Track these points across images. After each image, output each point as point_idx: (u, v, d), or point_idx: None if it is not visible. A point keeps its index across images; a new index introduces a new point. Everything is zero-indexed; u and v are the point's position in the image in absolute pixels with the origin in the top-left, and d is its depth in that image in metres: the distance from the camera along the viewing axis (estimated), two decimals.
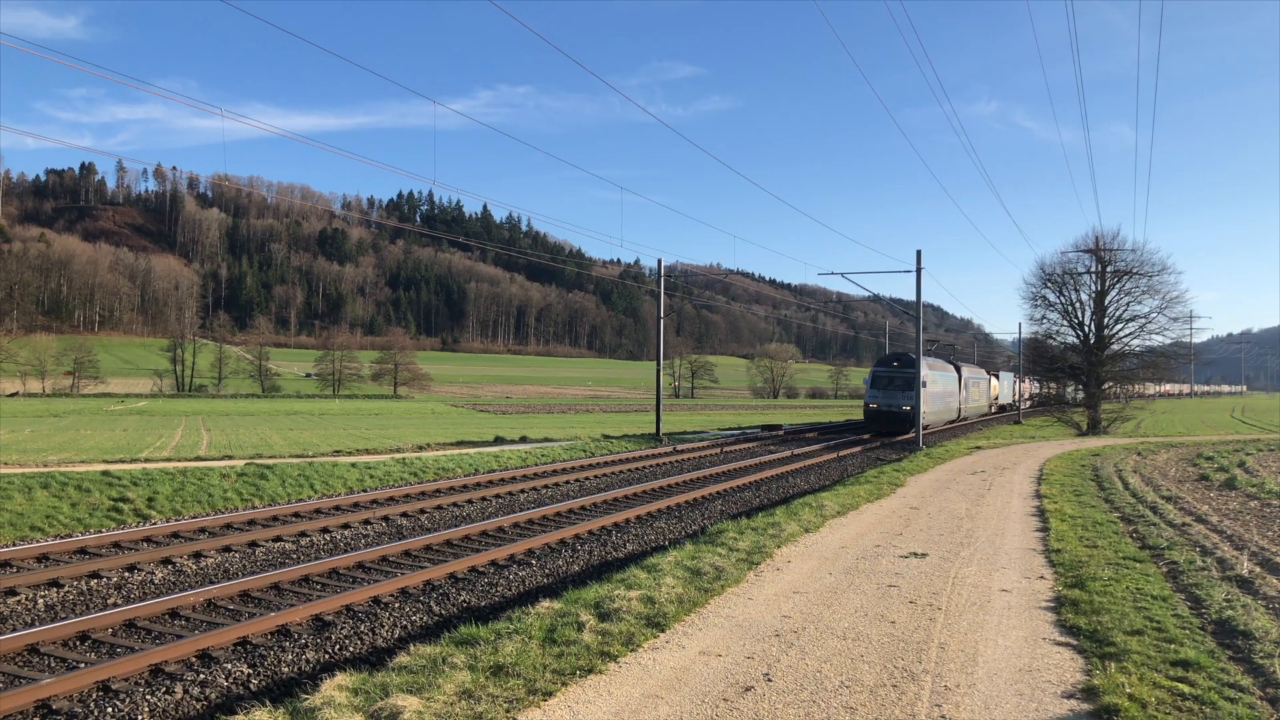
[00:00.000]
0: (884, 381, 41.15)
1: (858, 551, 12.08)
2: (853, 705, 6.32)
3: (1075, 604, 9.17)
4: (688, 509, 18.19)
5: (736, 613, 8.75)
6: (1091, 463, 26.71)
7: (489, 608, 10.44)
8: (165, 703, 7.22)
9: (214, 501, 16.97)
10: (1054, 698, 6.55)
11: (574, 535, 14.69)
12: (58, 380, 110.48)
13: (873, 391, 41.39)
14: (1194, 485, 21.61)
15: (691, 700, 6.36)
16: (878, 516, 15.41)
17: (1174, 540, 13.27)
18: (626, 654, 7.35)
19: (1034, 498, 18.26)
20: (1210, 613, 9.03)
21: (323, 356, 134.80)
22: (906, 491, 19.09)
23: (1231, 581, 10.45)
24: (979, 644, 7.85)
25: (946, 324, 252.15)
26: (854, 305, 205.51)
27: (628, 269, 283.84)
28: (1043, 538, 13.46)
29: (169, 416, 61.59)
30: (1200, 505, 17.63)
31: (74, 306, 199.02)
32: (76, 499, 15.76)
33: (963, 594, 9.76)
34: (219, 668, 7.95)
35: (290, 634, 8.99)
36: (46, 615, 9.68)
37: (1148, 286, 46.02)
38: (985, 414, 62.14)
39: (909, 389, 38.90)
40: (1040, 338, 52.21)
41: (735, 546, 11.84)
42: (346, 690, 6.29)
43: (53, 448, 30.43)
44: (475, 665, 6.82)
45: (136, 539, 13.21)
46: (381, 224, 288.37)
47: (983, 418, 61.06)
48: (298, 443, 34.59)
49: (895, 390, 40.59)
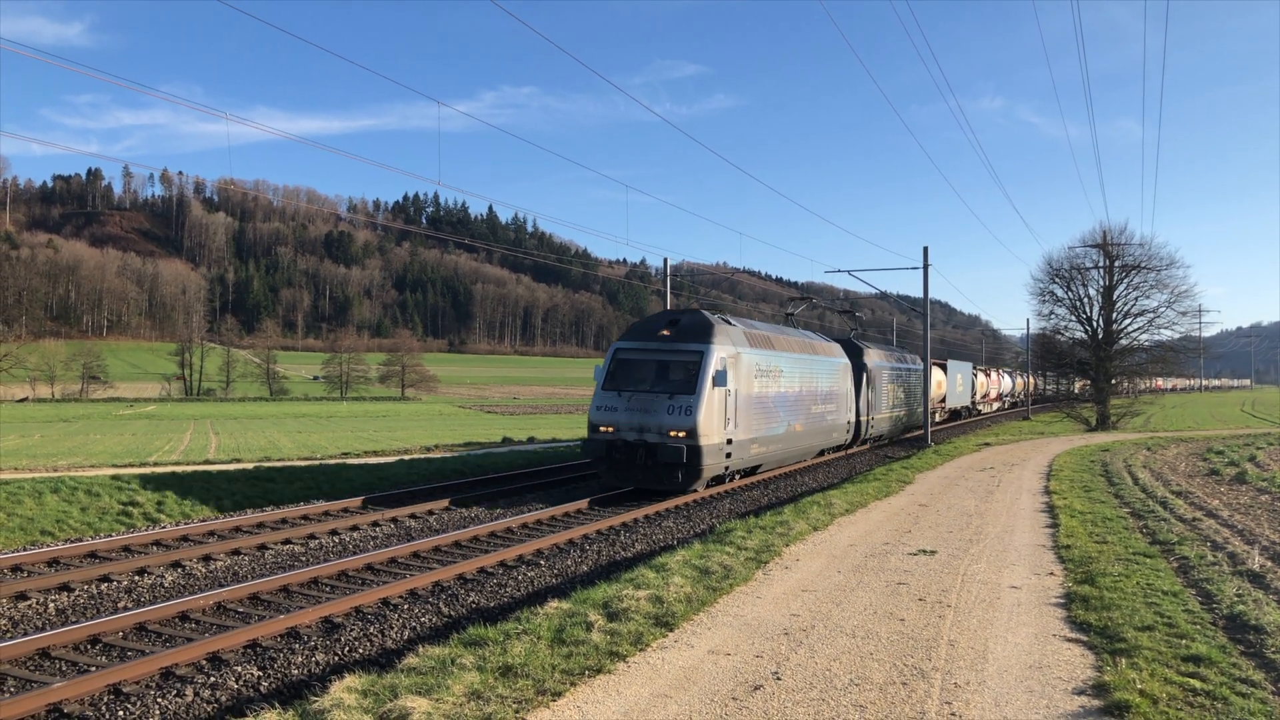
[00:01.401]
0: (631, 376, 19.04)
1: (866, 549, 12.06)
2: (862, 703, 6.30)
3: (1085, 600, 9.14)
4: (695, 508, 18.17)
5: (745, 611, 8.74)
6: (1101, 458, 26.61)
7: (498, 608, 10.45)
8: (176, 705, 7.24)
9: (222, 505, 17.01)
10: (1064, 694, 6.52)
11: (582, 535, 14.70)
12: (67, 385, 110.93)
13: (606, 397, 18.85)
14: (1204, 480, 21.51)
15: (700, 699, 6.35)
16: (886, 514, 15.37)
17: (1184, 535, 13.22)
18: (635, 653, 7.34)
19: (1043, 494, 18.20)
20: (1221, 608, 8.99)
21: (330, 359, 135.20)
22: (915, 489, 19.05)
23: (1243, 576, 10.40)
24: (989, 641, 7.83)
25: (954, 320, 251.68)
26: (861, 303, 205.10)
27: (634, 269, 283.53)
28: (1052, 534, 13.41)
29: (177, 420, 61.81)
30: (1210, 500, 17.56)
31: (82, 312, 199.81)
32: (86, 503, 15.82)
33: (972, 591, 9.73)
34: (229, 670, 7.97)
35: (300, 636, 9.01)
36: (58, 619, 9.72)
37: (1156, 281, 45.85)
38: (912, 426, 41.05)
39: (686, 391, 18.06)
40: (1048, 333, 52.02)
41: (744, 545, 11.83)
42: (356, 692, 6.29)
43: (62, 452, 30.56)
44: (484, 666, 6.82)
45: (146, 543, 13.25)
46: (387, 226, 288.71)
47: (909, 434, 40.65)
48: (306, 445, 34.68)
49: (657, 395, 18.40)
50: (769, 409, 21.56)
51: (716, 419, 18.38)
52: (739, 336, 20.27)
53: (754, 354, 20.77)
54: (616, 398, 18.69)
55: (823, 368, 26.34)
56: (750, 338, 21.05)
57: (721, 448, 18.78)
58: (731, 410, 19.14)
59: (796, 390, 23.64)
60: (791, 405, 23.23)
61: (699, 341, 18.82)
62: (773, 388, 21.82)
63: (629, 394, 18.56)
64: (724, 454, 18.95)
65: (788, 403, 22.93)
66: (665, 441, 17.80)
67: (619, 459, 18.43)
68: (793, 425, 23.37)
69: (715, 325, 19.30)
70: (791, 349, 23.92)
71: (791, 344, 24.23)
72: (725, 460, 19.06)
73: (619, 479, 18.77)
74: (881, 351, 36.73)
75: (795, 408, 23.49)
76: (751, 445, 20.55)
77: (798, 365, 23.93)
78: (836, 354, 28.34)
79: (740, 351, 19.80)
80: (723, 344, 19.04)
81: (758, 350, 21.14)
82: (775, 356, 22.30)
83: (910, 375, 39.43)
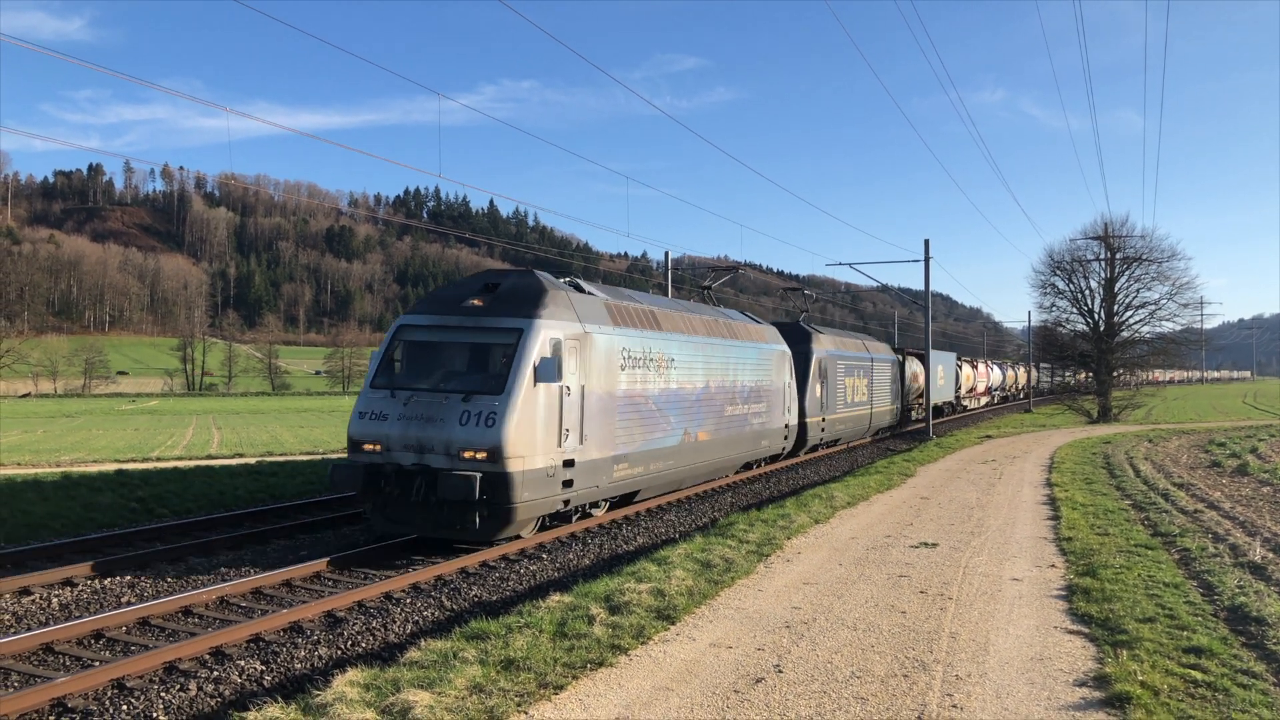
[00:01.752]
0: (415, 367, 13.19)
1: (868, 542, 12.07)
2: (864, 695, 6.31)
3: (1087, 592, 9.15)
4: (697, 501, 18.20)
5: (747, 604, 8.75)
6: (1102, 450, 26.62)
7: (500, 602, 10.47)
8: (180, 700, 7.26)
9: (226, 499, 17.04)
10: (1066, 686, 6.53)
11: (584, 529, 14.71)
12: (69, 380, 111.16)
13: (374, 399, 12.67)
14: (1206, 472, 21.52)
15: (702, 692, 6.37)
16: (888, 507, 15.39)
17: (1186, 527, 13.23)
18: (637, 647, 7.36)
19: (1045, 486, 18.21)
20: (1223, 599, 9.00)
21: (332, 354, 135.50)
22: (917, 481, 19.06)
23: (1244, 568, 10.41)
24: (990, 633, 7.84)
25: (955, 313, 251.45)
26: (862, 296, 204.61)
27: (635, 262, 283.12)
28: (1054, 526, 13.43)
29: (180, 415, 61.90)
30: (1212, 492, 17.56)
31: (84, 307, 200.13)
32: (89, 499, 15.85)
33: (974, 583, 9.74)
34: (232, 664, 7.98)
35: (303, 630, 9.03)
36: (61, 614, 9.74)
37: (1157, 273, 45.93)
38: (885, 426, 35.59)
39: (491, 390, 12.23)
40: (1050, 326, 52.07)
41: (745, 538, 11.84)
42: (358, 686, 6.31)
43: (65, 448, 30.61)
44: (486, 660, 6.84)
45: (149, 537, 13.27)
46: (389, 221, 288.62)
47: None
48: (309, 440, 34.71)
49: (448, 396, 12.38)
50: (649, 412, 15.67)
51: (542, 431, 12.51)
52: (593, 310, 14.29)
53: (620, 336, 14.74)
54: (388, 400, 12.43)
55: (746, 356, 20.15)
56: (615, 312, 15.01)
57: (551, 474, 12.72)
58: (574, 417, 13.28)
59: (699, 386, 17.60)
60: (690, 406, 17.22)
61: (519, 314, 12.74)
62: (656, 383, 15.87)
63: (407, 394, 12.39)
64: (558, 482, 12.96)
65: (683, 403, 16.95)
66: (454, 467, 11.79)
67: (389, 494, 12.20)
68: (692, 433, 17.30)
69: (549, 291, 13.38)
70: (691, 330, 17.74)
71: (693, 324, 18.01)
72: (561, 492, 13.11)
73: (391, 522, 12.51)
74: (839, 338, 30.99)
75: (697, 409, 17.52)
76: (615, 466, 14.59)
77: (702, 352, 17.83)
78: (770, 339, 22.42)
79: (592, 331, 13.83)
80: (558, 318, 13.10)
81: (627, 331, 15.05)
82: (660, 340, 16.12)
83: (881, 367, 33.92)
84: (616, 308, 15.24)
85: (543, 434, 12.52)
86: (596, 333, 14.01)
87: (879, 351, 34.79)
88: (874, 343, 36.04)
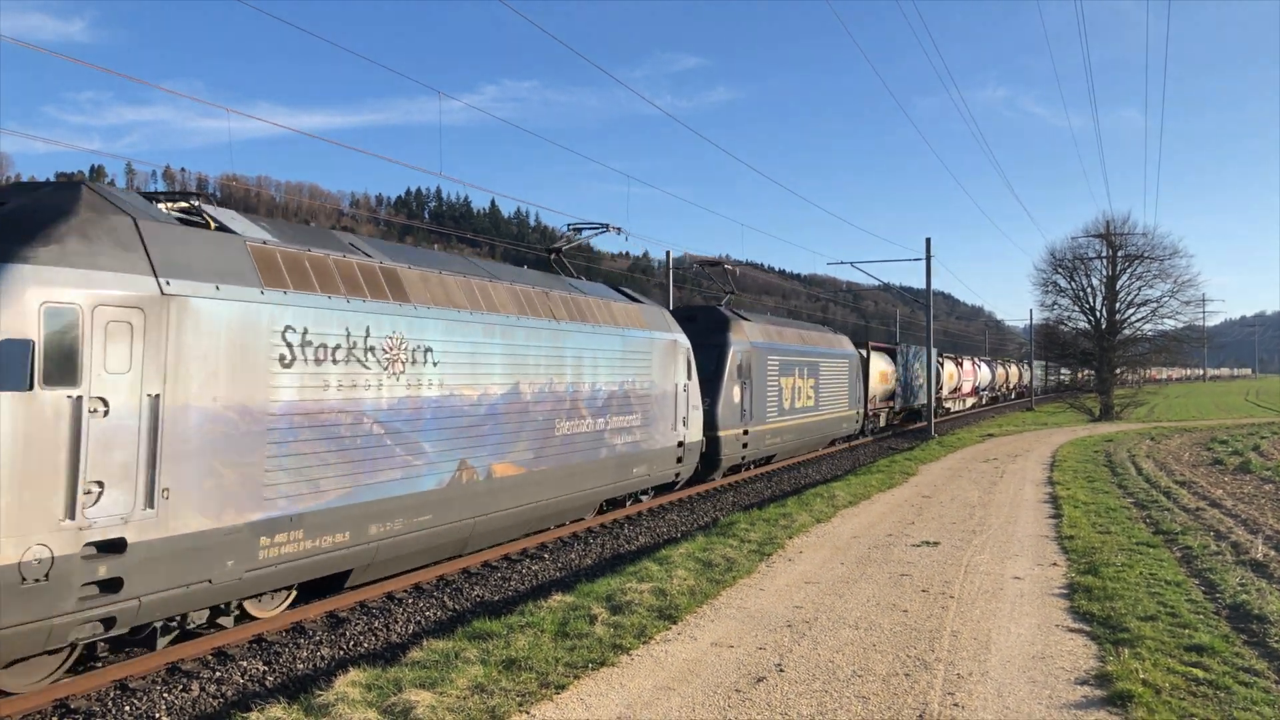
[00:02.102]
0: None
1: (870, 541, 12.07)
2: (865, 694, 6.32)
3: (1088, 590, 9.15)
4: (699, 501, 18.21)
5: (748, 604, 8.76)
6: (1104, 448, 26.60)
7: (502, 602, 10.48)
8: (183, 700, 7.27)
9: None
10: (1067, 684, 6.54)
11: (585, 528, 14.72)
12: None
13: None
14: (1207, 470, 21.49)
15: (704, 691, 6.37)
16: (890, 505, 15.39)
17: (1187, 525, 13.22)
18: (638, 646, 7.36)
19: (1046, 484, 18.20)
20: (1224, 597, 9.00)
21: None
22: (918, 480, 19.06)
23: (1245, 566, 10.41)
24: (992, 632, 7.84)
25: (957, 312, 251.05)
26: (864, 294, 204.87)
27: (636, 262, 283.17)
28: (1055, 524, 13.42)
29: None
30: (1214, 490, 17.54)
31: None
32: None
33: (975, 582, 9.74)
34: (235, 665, 8.00)
35: (305, 631, 9.04)
36: None
37: (1159, 270, 45.76)
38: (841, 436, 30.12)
39: None
40: (1051, 324, 51.96)
41: (747, 538, 11.85)
42: (360, 686, 6.33)
43: None
44: (488, 659, 6.85)
45: None
46: (390, 221, 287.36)
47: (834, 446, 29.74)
48: None
49: None
50: (366, 437, 9.47)
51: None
52: (194, 254, 7.92)
53: (285, 305, 8.60)
54: None
55: (604, 347, 14.48)
56: (262, 262, 8.68)
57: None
58: (127, 457, 7.03)
59: (496, 391, 11.63)
60: (475, 423, 11.23)
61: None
62: (385, 389, 9.73)
63: None
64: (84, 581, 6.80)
65: (457, 419, 10.88)
66: None
67: None
68: (479, 466, 11.26)
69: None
70: (478, 305, 11.59)
71: (487, 296, 11.92)
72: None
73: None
74: (774, 328, 24.10)
75: (491, 427, 11.56)
76: (260, 539, 8.19)
77: (504, 339, 11.84)
78: (652, 324, 16.59)
79: (186, 294, 7.59)
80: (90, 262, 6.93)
81: (298, 297, 8.80)
82: (400, 318, 10.02)
83: (832, 365, 27.67)
84: (259, 252, 8.72)
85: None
86: (197, 296, 7.65)
87: (832, 345, 28.52)
88: (826, 334, 29.81)
